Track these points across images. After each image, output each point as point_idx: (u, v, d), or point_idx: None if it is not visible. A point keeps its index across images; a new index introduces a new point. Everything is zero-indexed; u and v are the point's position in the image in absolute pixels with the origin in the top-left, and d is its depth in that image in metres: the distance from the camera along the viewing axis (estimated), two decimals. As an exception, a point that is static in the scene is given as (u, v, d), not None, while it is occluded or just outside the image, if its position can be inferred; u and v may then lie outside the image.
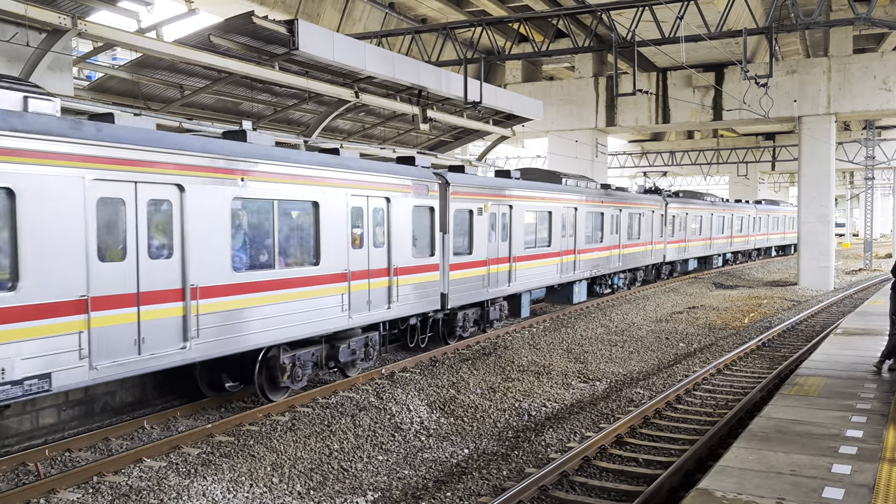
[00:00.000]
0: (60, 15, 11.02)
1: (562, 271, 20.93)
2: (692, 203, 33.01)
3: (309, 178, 11.60)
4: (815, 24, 20.48)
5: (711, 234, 35.98)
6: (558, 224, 20.59)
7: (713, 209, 36.22)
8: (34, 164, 7.89)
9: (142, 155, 9.03)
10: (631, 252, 26.21)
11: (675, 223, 30.71)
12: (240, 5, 21.80)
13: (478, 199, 16.63)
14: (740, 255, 43.35)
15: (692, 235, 33.15)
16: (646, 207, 27.63)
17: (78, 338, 8.30)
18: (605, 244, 23.70)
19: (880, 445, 7.73)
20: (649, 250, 28.03)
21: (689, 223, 32.25)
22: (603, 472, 9.06)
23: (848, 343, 13.92)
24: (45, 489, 8.15)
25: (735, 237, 40.45)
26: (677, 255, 31.48)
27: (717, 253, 37.34)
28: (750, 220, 42.79)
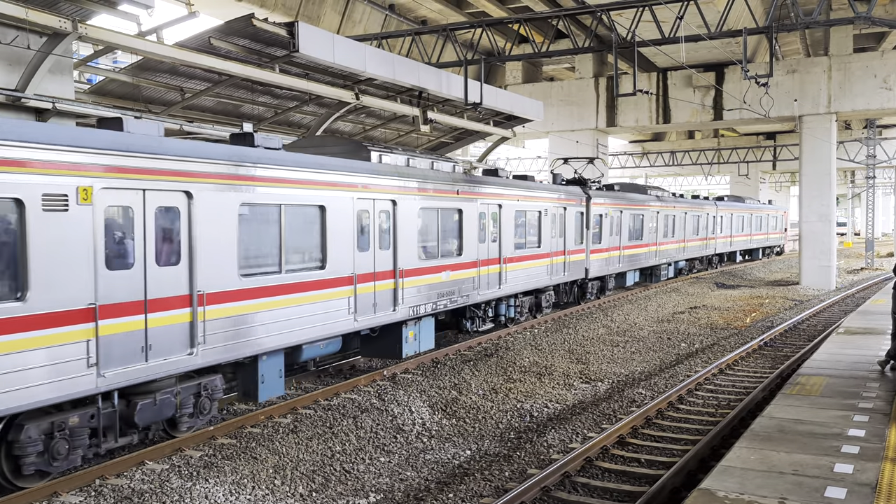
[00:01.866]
0: (61, 18, 11.03)
1: (338, 316, 12.21)
2: (628, 199, 26.29)
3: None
4: (815, 24, 20.48)
5: (658, 239, 29.53)
6: (339, 230, 12.24)
7: (661, 206, 29.81)
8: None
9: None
10: (523, 269, 18.75)
11: (605, 225, 24.12)
12: (240, 8, 21.83)
13: None
14: (698, 263, 36.81)
15: (630, 240, 26.57)
16: (552, 203, 20.29)
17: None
18: (463, 258, 15.90)
19: (883, 445, 7.72)
20: (559, 263, 20.76)
21: (623, 225, 25.74)
22: (605, 473, 9.06)
23: (850, 342, 13.90)
24: (48, 492, 8.15)
25: (690, 241, 33.95)
26: (606, 267, 24.50)
27: (665, 262, 30.73)
28: (709, 220, 36.70)
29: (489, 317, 17.88)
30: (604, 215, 23.88)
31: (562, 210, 20.95)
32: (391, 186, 13.52)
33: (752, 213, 44.33)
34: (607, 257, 24.42)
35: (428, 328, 15.20)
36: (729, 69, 31.12)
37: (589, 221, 22.79)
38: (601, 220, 23.72)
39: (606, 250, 24.32)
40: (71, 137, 8.18)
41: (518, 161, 62.55)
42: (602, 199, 23.93)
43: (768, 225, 48.57)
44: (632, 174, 64.54)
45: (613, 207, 24.81)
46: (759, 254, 47.89)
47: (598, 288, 24.76)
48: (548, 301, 20.70)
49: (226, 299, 10.02)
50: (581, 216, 22.36)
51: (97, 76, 17.76)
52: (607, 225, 24.29)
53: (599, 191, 24.19)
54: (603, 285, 24.97)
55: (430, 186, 14.84)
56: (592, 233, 23.12)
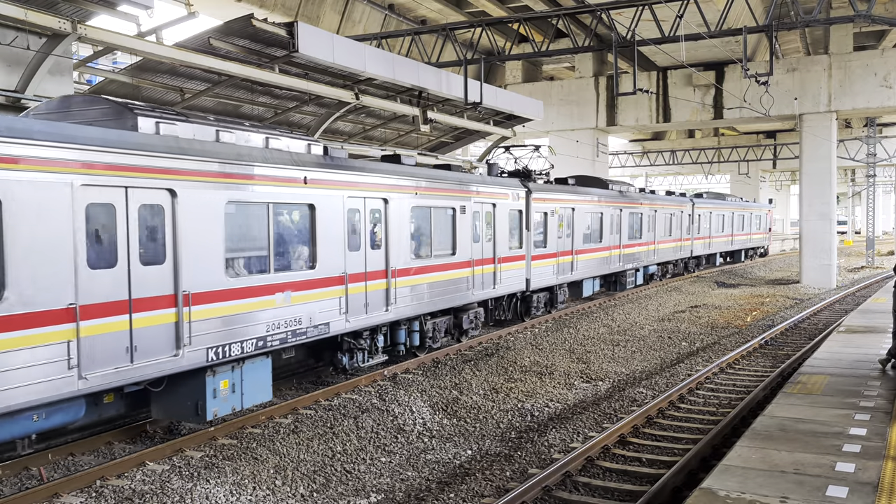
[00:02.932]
0: (60, 19, 11.03)
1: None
2: (582, 195, 22.26)
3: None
4: (815, 22, 20.47)
5: (622, 241, 25.35)
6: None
7: (626, 203, 25.66)
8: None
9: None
10: (428, 282, 14.53)
11: (552, 225, 20.32)
12: (239, 8, 21.84)
13: None
14: (672, 268, 32.57)
15: (586, 243, 22.55)
16: (473, 198, 16.12)
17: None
18: (317, 273, 11.54)
19: (884, 443, 7.71)
20: (485, 273, 16.75)
21: (577, 225, 21.91)
22: (606, 472, 9.05)
23: (851, 341, 13.89)
24: (49, 493, 8.15)
25: (662, 243, 29.82)
26: (555, 276, 20.57)
27: (632, 267, 26.61)
28: (684, 220, 32.60)
29: (379, 347, 13.54)
30: (550, 213, 20.03)
31: (489, 207, 16.82)
32: (172, 169, 9.26)
33: (733, 211, 40.53)
34: (556, 264, 20.52)
35: (254, 377, 10.77)
36: (729, 68, 31.11)
37: (530, 221, 18.88)
38: (546, 219, 19.88)
39: (554, 256, 20.40)
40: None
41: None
42: (547, 193, 19.94)
43: (751, 224, 44.44)
44: (632, 173, 64.55)
45: (563, 204, 20.89)
46: (742, 256, 43.88)
47: (546, 301, 20.88)
48: (473, 321, 16.62)
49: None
50: (520, 215, 18.51)
51: (97, 77, 17.75)
52: (555, 225, 20.42)
53: (546, 184, 20.40)
54: (552, 297, 21.15)
55: (241, 170, 10.19)
56: (535, 235, 19.25)
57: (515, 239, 18.36)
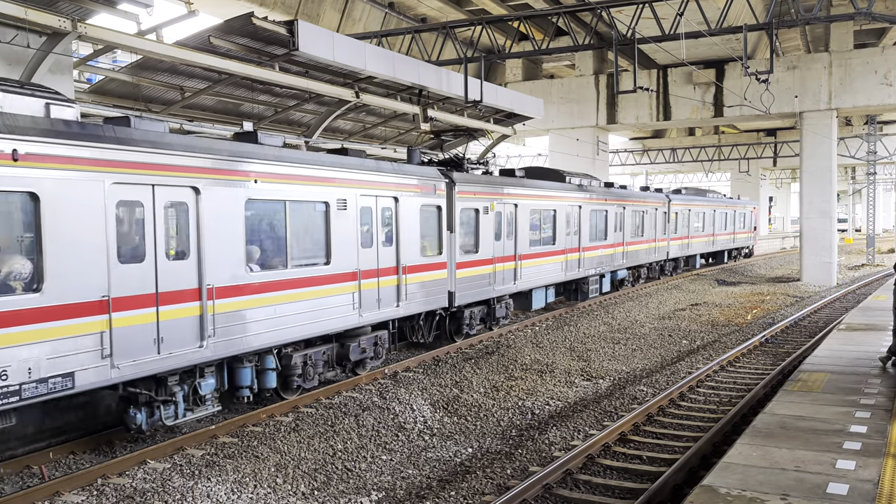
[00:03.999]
0: (60, 18, 11.02)
1: None
2: (525, 188, 18.74)
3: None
4: (815, 20, 20.44)
5: (581, 243, 22.14)
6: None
7: (586, 199, 22.34)
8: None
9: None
10: (288, 302, 11.22)
11: (486, 225, 16.84)
12: (239, 6, 21.83)
13: None
14: (646, 271, 29.25)
15: (535, 246, 19.29)
16: (360, 190, 12.81)
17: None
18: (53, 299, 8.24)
19: (885, 441, 7.72)
20: (385, 288, 13.56)
21: (522, 224, 18.56)
22: (607, 470, 9.05)
23: (851, 339, 13.89)
24: (50, 492, 8.16)
25: (632, 244, 26.62)
26: (491, 286, 17.17)
27: (595, 272, 23.23)
28: (658, 218, 29.31)
29: (204, 396, 10.16)
30: (483, 211, 16.59)
31: (387, 201, 13.47)
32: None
33: (715, 208, 37.17)
34: (492, 272, 17.06)
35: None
36: (729, 66, 31.09)
37: (453, 220, 15.53)
38: (478, 218, 16.45)
39: (489, 262, 16.92)
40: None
41: (518, 159, 62.52)
42: (478, 186, 16.40)
43: (735, 222, 41.06)
44: (632, 171, 64.54)
45: (502, 199, 17.39)
46: (725, 257, 40.45)
47: (482, 317, 17.47)
48: (366, 350, 13.10)
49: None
50: (438, 212, 15.18)
51: (97, 75, 17.75)
52: (490, 225, 16.89)
53: (479, 175, 16.81)
54: (490, 312, 17.68)
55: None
56: (462, 237, 15.96)
57: (432, 242, 14.97)
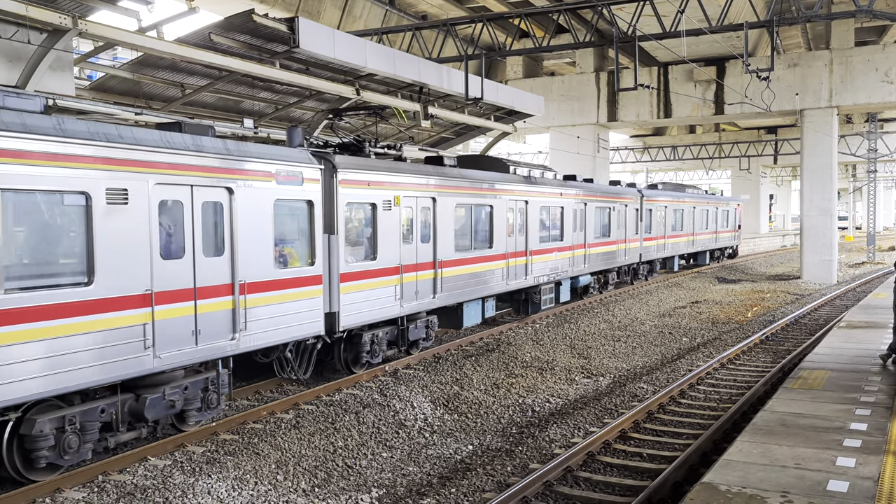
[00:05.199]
0: (61, 15, 11.02)
1: None
2: (443, 178, 15.13)
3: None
4: (816, 17, 20.44)
5: (529, 245, 18.69)
6: None
7: (533, 193, 18.86)
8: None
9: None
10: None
11: (386, 225, 13.47)
12: (240, 3, 21.79)
13: None
14: (614, 276, 25.61)
15: (463, 251, 15.81)
16: (159, 175, 9.21)
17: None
18: None
19: (885, 438, 7.72)
20: (208, 315, 9.91)
21: (444, 223, 15.20)
22: (607, 468, 9.06)
23: (852, 336, 13.90)
24: (51, 488, 8.17)
25: (595, 247, 23.10)
26: (398, 303, 13.72)
27: (547, 280, 19.70)
28: (628, 216, 26.06)
29: None
30: (382, 206, 13.22)
31: (218, 193, 9.99)
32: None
33: (695, 205, 33.98)
34: (398, 285, 13.60)
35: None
36: (730, 63, 31.07)
37: (336, 218, 12.05)
38: (375, 215, 13.06)
39: (394, 272, 13.54)
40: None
41: (519, 156, 62.53)
42: (372, 175, 12.92)
43: (718, 221, 37.84)
44: (633, 168, 64.54)
45: (412, 192, 14.08)
46: (707, 258, 37.07)
47: (392, 340, 14.05)
48: (157, 410, 9.29)
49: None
50: (310, 209, 11.63)
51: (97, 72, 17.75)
52: (394, 224, 13.52)
53: (373, 161, 13.21)
54: (402, 333, 14.16)
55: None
56: (350, 241, 12.60)
57: (299, 249, 11.56)
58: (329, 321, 12.15)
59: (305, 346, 12.10)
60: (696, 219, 34.27)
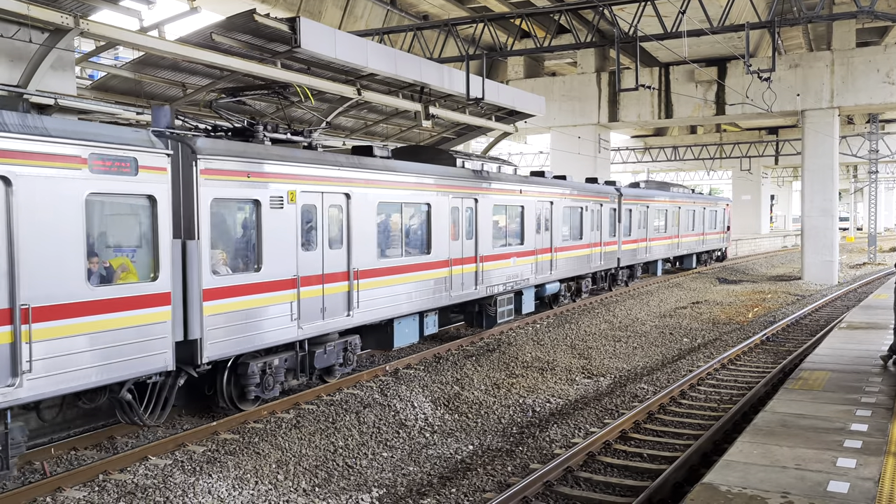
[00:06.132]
0: (63, 14, 11.03)
1: None
2: (364, 173, 12.82)
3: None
4: (817, 18, 20.43)
5: (479, 250, 16.33)
6: None
7: (485, 189, 16.59)
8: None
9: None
10: None
11: (281, 227, 11.04)
12: (241, 3, 21.79)
13: None
14: (587, 283, 23.10)
15: (380, 259, 13.28)
16: None
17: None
18: None
19: (885, 439, 7.72)
20: None
21: (360, 226, 12.72)
22: (607, 468, 9.06)
23: (853, 337, 13.89)
24: (52, 487, 8.18)
25: (563, 251, 20.61)
26: (294, 325, 11.18)
27: (503, 289, 17.32)
28: (603, 217, 23.71)
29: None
30: (269, 203, 10.72)
31: None
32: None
33: (680, 205, 31.81)
34: (294, 301, 11.16)
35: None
36: (731, 64, 31.06)
37: (194, 219, 9.65)
38: (259, 214, 10.57)
39: (286, 286, 11.04)
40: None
41: (520, 156, 62.53)
42: (253, 165, 10.49)
43: (705, 222, 35.65)
44: (633, 169, 64.54)
45: (316, 187, 11.62)
46: (693, 262, 34.95)
47: (290, 369, 11.57)
48: None
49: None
50: (152, 206, 9.10)
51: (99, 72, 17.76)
52: (287, 226, 11.04)
53: (254, 147, 10.71)
54: (308, 359, 11.82)
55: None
56: (218, 247, 10.11)
57: (139, 259, 9.08)
58: (185, 351, 9.54)
59: (158, 384, 9.47)
60: (682, 220, 32.22)
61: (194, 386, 10.71)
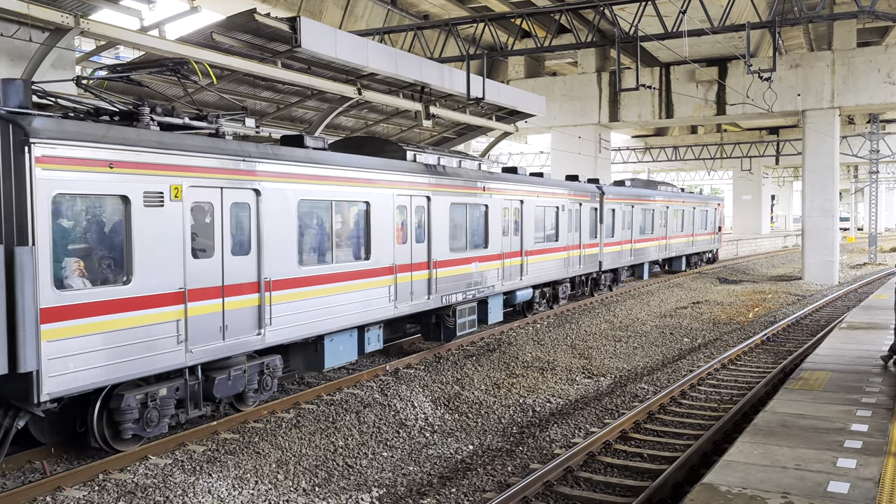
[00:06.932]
0: (63, 13, 11.03)
1: None
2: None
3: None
4: (818, 18, 20.41)
5: (433, 255, 14.59)
6: None
7: (428, 186, 14.49)
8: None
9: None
10: None
11: (226, 227, 9.95)
12: (242, 3, 21.79)
13: None
14: (565, 288, 21.55)
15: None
16: None
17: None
18: None
19: (886, 439, 7.72)
20: None
21: (272, 229, 10.73)
22: (607, 468, 9.06)
23: (853, 337, 13.89)
24: (52, 487, 8.17)
25: (536, 255, 19.03)
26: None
27: (462, 298, 15.52)
28: (584, 217, 22.17)
29: None
30: (145, 200, 8.86)
31: None
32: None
33: (668, 204, 30.26)
34: (180, 320, 9.23)
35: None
36: (732, 64, 31.05)
37: (28, 222, 7.68)
38: (129, 213, 8.70)
39: (169, 301, 9.12)
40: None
41: (521, 156, 62.52)
42: (113, 151, 8.50)
43: (695, 222, 34.10)
44: (634, 169, 64.54)
45: (201, 179, 9.56)
46: (683, 264, 33.35)
47: (179, 405, 9.69)
48: None
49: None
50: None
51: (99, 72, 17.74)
52: (164, 228, 9.08)
53: (112, 127, 8.72)
54: (206, 390, 10.02)
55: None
56: (51, 256, 7.86)
57: None
58: (16, 386, 7.70)
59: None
60: (669, 220, 30.45)
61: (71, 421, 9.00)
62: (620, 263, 25.42)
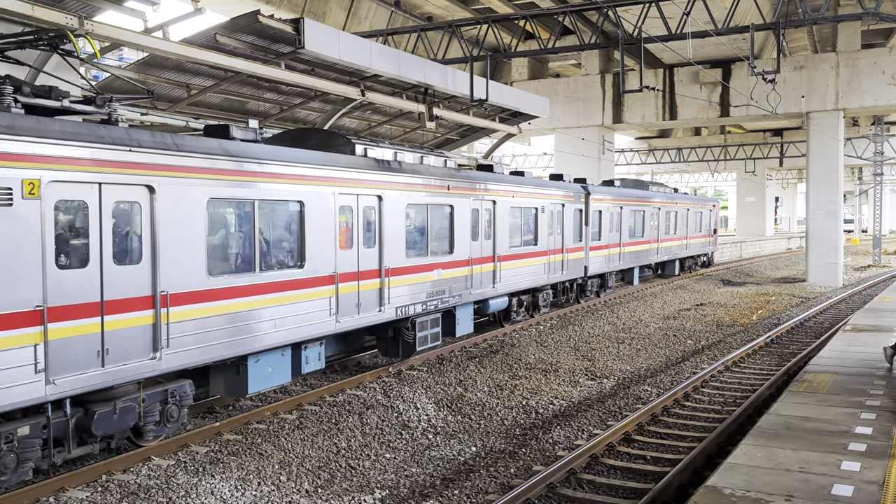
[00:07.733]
0: (67, 15, 11.04)
1: None
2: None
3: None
4: (822, 20, 20.38)
5: (386, 261, 13.00)
6: None
7: (398, 185, 13.35)
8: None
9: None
10: None
11: (113, 230, 8.36)
12: (246, 4, 21.83)
13: None
14: (545, 296, 20.09)
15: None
16: None
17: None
18: None
19: (890, 442, 7.69)
20: None
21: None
22: (611, 470, 9.04)
23: (857, 339, 13.85)
24: (54, 487, 8.18)
25: (513, 259, 17.73)
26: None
27: (422, 308, 13.96)
28: (567, 221, 20.74)
29: None
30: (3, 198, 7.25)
31: None
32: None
33: (660, 206, 28.80)
34: (38, 344, 7.52)
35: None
36: (736, 65, 31.02)
37: None
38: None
39: (15, 325, 7.32)
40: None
41: (524, 158, 62.52)
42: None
43: (688, 225, 32.68)
44: (637, 171, 64.50)
45: (73, 172, 7.89)
46: (676, 268, 32.18)
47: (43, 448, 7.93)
48: None
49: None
50: None
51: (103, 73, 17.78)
52: (16, 233, 7.34)
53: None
54: (82, 429, 8.39)
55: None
56: None
57: None
58: None
59: None
60: (661, 222, 28.91)
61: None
62: (608, 268, 24.10)
